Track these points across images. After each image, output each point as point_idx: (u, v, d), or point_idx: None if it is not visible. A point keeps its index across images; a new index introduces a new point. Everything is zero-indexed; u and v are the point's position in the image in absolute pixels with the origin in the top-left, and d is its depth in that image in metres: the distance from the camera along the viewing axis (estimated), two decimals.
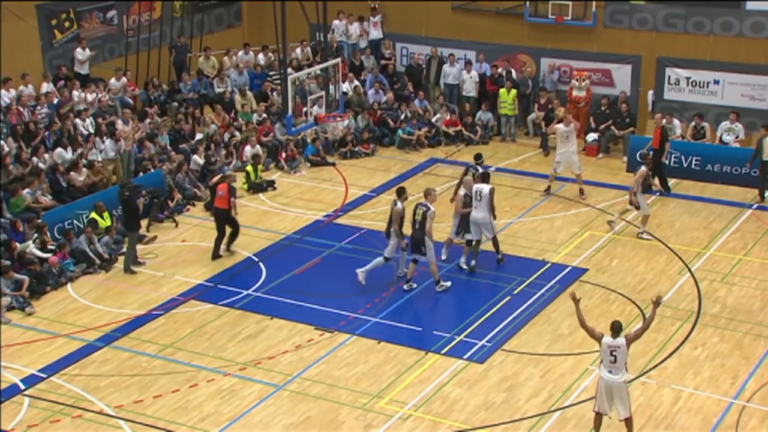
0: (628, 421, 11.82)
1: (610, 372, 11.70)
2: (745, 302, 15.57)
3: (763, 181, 19.67)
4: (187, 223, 19.26)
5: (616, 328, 11.67)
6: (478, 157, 18.14)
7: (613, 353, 11.61)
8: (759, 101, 21.83)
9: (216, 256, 17.44)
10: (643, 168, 17.71)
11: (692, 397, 13.07)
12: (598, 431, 12.04)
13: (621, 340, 11.66)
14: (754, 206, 19.43)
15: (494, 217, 16.78)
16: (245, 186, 20.78)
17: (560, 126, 19.84)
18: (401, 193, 16.13)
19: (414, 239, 15.73)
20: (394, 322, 15.18)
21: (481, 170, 17.52)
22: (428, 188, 16.33)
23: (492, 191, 16.52)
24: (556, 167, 19.79)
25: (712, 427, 12.40)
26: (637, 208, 17.75)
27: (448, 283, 15.99)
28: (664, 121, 20.86)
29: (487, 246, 17.18)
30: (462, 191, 16.92)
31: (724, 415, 12.65)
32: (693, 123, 21.65)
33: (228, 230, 17.60)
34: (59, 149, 19.44)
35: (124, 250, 17.40)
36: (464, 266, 16.80)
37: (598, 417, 11.96)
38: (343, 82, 23.37)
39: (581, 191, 19.83)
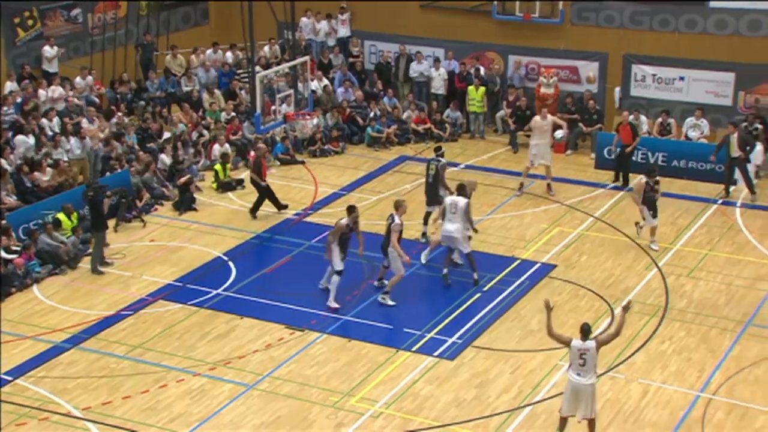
0: (591, 422, 11.72)
1: (578, 375, 11.58)
2: (711, 296, 15.76)
3: (728, 176, 19.92)
4: (155, 222, 19.13)
5: (585, 331, 11.56)
6: (437, 149, 18.17)
7: (583, 356, 11.50)
8: (723, 98, 22.08)
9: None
10: (642, 179, 17.22)
11: (660, 391, 13.20)
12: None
13: (591, 343, 11.55)
14: (720, 201, 19.67)
15: (475, 231, 16.49)
16: (214, 185, 20.68)
17: (537, 119, 19.91)
18: (351, 211, 15.55)
19: (382, 247, 15.62)
20: (365, 320, 15.18)
21: (443, 161, 17.65)
22: (399, 200, 15.82)
23: (468, 205, 16.05)
24: (533, 159, 19.82)
25: (679, 420, 12.54)
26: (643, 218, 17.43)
27: (392, 303, 15.43)
28: (631, 117, 21.04)
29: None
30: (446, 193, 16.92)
31: (691, 408, 12.80)
32: (659, 119, 21.87)
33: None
34: (20, 136, 19.25)
35: (91, 250, 17.25)
36: (423, 260, 16.79)
37: (563, 420, 11.88)
38: (312, 80, 23.32)
39: (549, 187, 19.92)
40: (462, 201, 16.08)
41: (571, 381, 11.66)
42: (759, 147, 20.08)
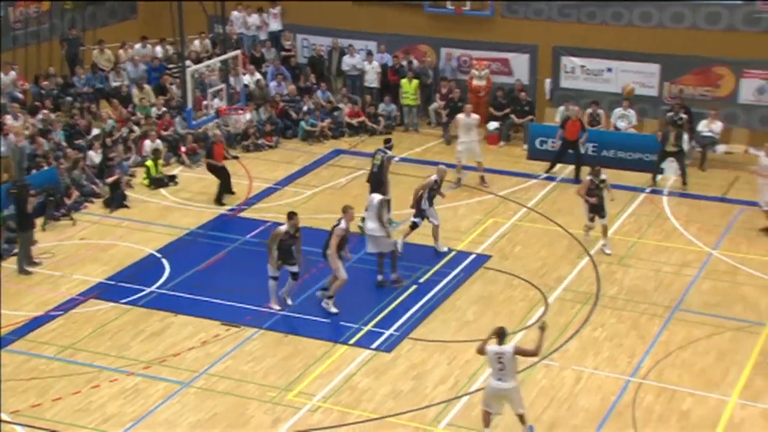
0: (522, 416, 11.64)
1: (499, 380, 11.37)
2: (640, 283, 16.10)
3: (657, 166, 20.35)
4: (85, 220, 18.75)
5: (500, 334, 11.38)
6: (387, 141, 18.29)
7: (500, 360, 11.28)
8: (649, 88, 22.56)
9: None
10: (587, 177, 17.18)
11: (592, 376, 13.44)
12: (488, 426, 11.70)
13: (507, 348, 11.35)
14: (648, 190, 20.09)
15: (387, 231, 15.76)
16: (146, 181, 20.36)
17: (461, 116, 20.09)
18: (291, 217, 14.99)
19: (323, 250, 15.09)
20: (302, 314, 15.13)
21: (390, 153, 17.69)
22: (347, 206, 15.03)
23: (381, 202, 15.67)
24: (460, 157, 20.03)
25: (611, 404, 12.78)
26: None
27: (334, 310, 14.98)
28: (589, 110, 21.39)
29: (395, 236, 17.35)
30: (433, 177, 16.90)
31: (622, 392, 13.06)
32: (590, 110, 22.23)
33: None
34: None
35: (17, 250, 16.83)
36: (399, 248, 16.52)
37: (487, 414, 11.67)
38: (244, 74, 23.12)
39: (482, 179, 20.12)
40: (375, 198, 15.79)
41: (491, 386, 11.48)
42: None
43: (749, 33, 21.72)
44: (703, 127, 21.32)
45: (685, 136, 20.72)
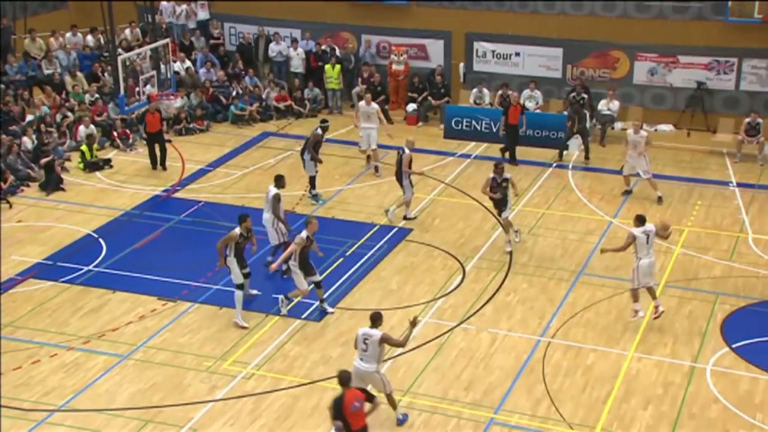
0: (389, 397, 11.39)
1: (361, 359, 11.15)
2: (549, 251, 16.40)
3: (564, 142, 20.64)
4: (22, 203, 18.18)
5: (373, 318, 11.21)
6: (323, 121, 18.35)
7: (366, 342, 11.08)
8: (554, 71, 22.91)
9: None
10: (490, 176, 15.91)
11: (506, 338, 13.68)
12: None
13: (375, 332, 11.10)
14: (554, 165, 20.43)
15: (286, 227, 15.19)
16: (81, 165, 19.83)
17: (362, 104, 19.63)
18: (243, 220, 13.93)
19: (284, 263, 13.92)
20: (235, 288, 14.95)
21: (319, 132, 17.89)
22: (310, 216, 14.11)
23: (276, 197, 14.93)
24: (360, 144, 19.70)
25: (523, 362, 13.04)
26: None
27: (283, 311, 14.01)
28: (500, 92, 21.52)
29: (321, 212, 17.27)
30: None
31: (534, 351, 13.33)
32: (500, 92, 22.45)
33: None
34: None
35: None
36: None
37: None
38: (175, 61, 22.65)
39: (376, 169, 19.63)
40: (272, 191, 15.11)
41: (354, 365, 11.21)
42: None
43: (642, 19, 22.22)
44: (602, 106, 21.78)
45: (587, 114, 21.11)
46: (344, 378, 10.17)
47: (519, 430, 11.67)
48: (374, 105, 19.66)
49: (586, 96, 21.55)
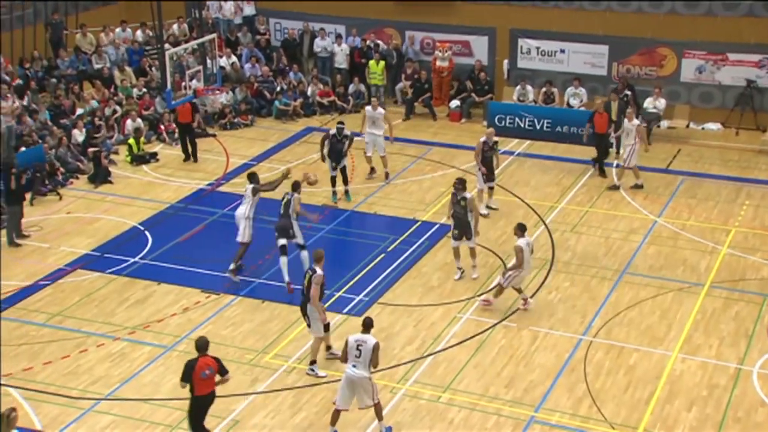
0: (377, 407, 11.18)
1: (354, 366, 10.90)
2: (591, 249, 16.21)
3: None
4: (71, 195, 18.50)
5: (365, 324, 11.08)
6: (340, 122, 18.15)
7: (359, 348, 10.87)
8: (599, 68, 22.62)
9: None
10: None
11: (547, 336, 13.56)
12: (334, 425, 11.21)
13: (369, 338, 10.92)
14: (615, 164, 20.10)
15: (312, 216, 15.40)
16: (128, 158, 20.11)
17: (369, 108, 18.80)
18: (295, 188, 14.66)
19: (301, 305, 12.81)
20: (278, 282, 15.04)
21: (332, 132, 17.55)
22: (318, 250, 12.97)
23: (254, 189, 14.92)
24: (366, 149, 18.98)
25: (565, 361, 12.91)
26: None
27: (322, 373, 12.64)
28: (544, 89, 21.32)
29: (365, 207, 17.34)
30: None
31: (575, 349, 13.19)
32: (544, 89, 22.24)
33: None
34: None
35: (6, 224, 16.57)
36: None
37: (336, 413, 11.17)
38: (221, 57, 22.84)
39: (386, 174, 18.92)
40: (248, 187, 14.99)
41: (346, 373, 11.00)
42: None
43: (690, 16, 21.83)
44: (648, 103, 21.45)
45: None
46: (200, 344, 10.71)
47: (559, 429, 11.56)
48: (380, 110, 18.68)
49: (629, 93, 21.24)
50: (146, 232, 16.81)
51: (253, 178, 15.32)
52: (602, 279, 15.16)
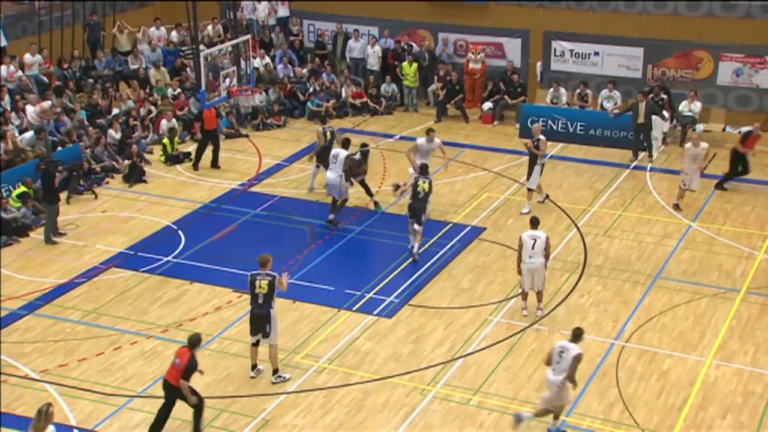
0: (558, 412, 11.42)
1: (553, 371, 11.04)
2: (624, 253, 16.06)
3: (636, 142, 20.24)
4: (106, 194, 18.71)
5: (576, 334, 11.10)
6: (363, 145, 17.70)
7: (561, 354, 10.94)
8: (634, 71, 22.40)
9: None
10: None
11: None
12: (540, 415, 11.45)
13: (573, 347, 11.02)
14: (631, 166, 19.99)
15: (350, 183, 16.88)
16: (162, 158, 20.30)
17: (421, 141, 17.30)
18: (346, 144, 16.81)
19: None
20: (308, 282, 15.10)
21: (359, 155, 17.14)
22: (264, 255, 12.57)
23: (347, 157, 16.64)
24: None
25: (597, 365, 12.80)
26: None
27: (287, 375, 12.56)
28: (578, 90, 21.23)
29: (395, 209, 17.34)
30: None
31: (607, 354, 13.07)
32: (578, 90, 22.06)
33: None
34: None
35: (44, 221, 16.80)
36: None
37: (545, 411, 11.34)
38: (254, 57, 22.96)
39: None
40: (342, 153, 16.68)
41: (548, 378, 11.19)
42: (656, 118, 20.31)
43: (727, 18, 21.53)
44: (683, 107, 21.21)
45: (666, 114, 20.57)
46: (193, 340, 11.24)
47: None
48: (437, 140, 17.31)
49: (665, 96, 20.99)
50: (179, 232, 16.95)
51: (347, 144, 17.02)
52: (635, 283, 15.01)
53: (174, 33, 24.57)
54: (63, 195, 17.80)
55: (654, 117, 20.17)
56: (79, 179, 18.53)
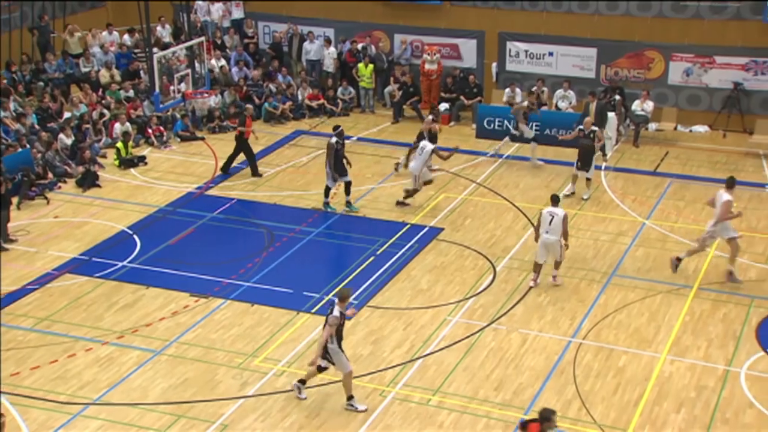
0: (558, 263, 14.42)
1: (546, 233, 14.32)
2: (580, 251, 16.26)
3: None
4: (59, 199, 18.42)
5: (554, 199, 14.00)
6: (335, 128, 17.80)
7: (551, 222, 14.14)
8: (587, 71, 22.73)
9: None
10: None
11: (537, 338, 13.59)
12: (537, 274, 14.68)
13: (560, 211, 14.35)
14: (602, 167, 20.15)
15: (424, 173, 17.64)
16: (116, 162, 20.05)
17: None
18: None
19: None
20: (267, 285, 15.05)
21: (334, 139, 17.22)
22: (344, 290, 12.15)
23: (432, 150, 17.63)
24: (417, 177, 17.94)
25: (554, 363, 12.95)
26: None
27: (363, 407, 12.01)
28: (534, 88, 21.25)
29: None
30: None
31: (564, 352, 13.23)
32: (534, 88, 22.25)
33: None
34: None
35: None
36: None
37: (537, 266, 14.38)
38: (210, 60, 22.80)
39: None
40: (429, 146, 17.65)
41: (543, 238, 14.38)
42: (612, 115, 20.62)
43: (678, 19, 21.96)
44: (636, 106, 21.56)
45: (612, 115, 20.77)
46: None
47: None
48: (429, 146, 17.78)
49: (618, 97, 21.33)
50: (135, 236, 16.76)
51: (434, 138, 17.95)
52: (591, 281, 15.21)
53: (126, 36, 24.30)
54: (14, 200, 17.49)
55: (610, 115, 20.46)
56: (30, 184, 18.21)
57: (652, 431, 11.56)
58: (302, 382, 12.16)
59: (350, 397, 11.94)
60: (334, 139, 17.33)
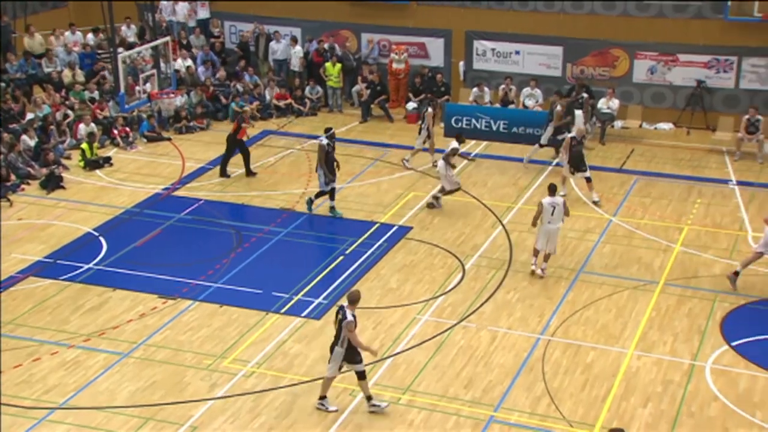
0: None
1: (549, 222, 14.86)
2: None
3: (550, 138, 20.50)
4: (22, 202, 18.17)
5: (550, 188, 14.65)
6: (327, 129, 17.58)
7: (554, 207, 14.55)
8: (554, 69, 22.91)
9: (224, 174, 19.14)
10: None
11: (506, 336, 13.67)
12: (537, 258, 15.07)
13: (560, 199, 14.96)
14: (553, 163, 20.41)
15: (450, 173, 17.65)
16: (81, 163, 19.83)
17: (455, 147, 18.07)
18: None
19: (331, 348, 11.88)
20: (235, 286, 14.98)
21: (325, 141, 17.09)
22: (354, 292, 11.89)
23: (454, 149, 17.76)
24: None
25: (523, 360, 13.04)
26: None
27: (385, 404, 12.03)
28: (503, 86, 21.38)
29: (322, 210, 17.34)
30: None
31: (533, 349, 13.33)
32: (503, 86, 22.36)
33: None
34: None
35: None
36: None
37: (536, 251, 15.03)
38: (176, 60, 22.64)
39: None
40: (453, 143, 17.79)
41: (546, 227, 14.78)
42: (578, 113, 20.78)
43: (641, 18, 22.21)
44: (602, 104, 21.77)
45: (579, 113, 20.93)
46: None
47: (518, 428, 11.66)
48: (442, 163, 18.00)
49: (585, 95, 21.51)
50: (100, 238, 16.58)
51: (460, 139, 18.04)
52: (559, 278, 15.34)
53: (90, 36, 24.03)
54: None
55: (577, 113, 20.60)
56: None
57: (620, 426, 11.66)
58: (323, 397, 11.92)
59: (323, 397, 11.94)
60: (325, 141, 17.19)
